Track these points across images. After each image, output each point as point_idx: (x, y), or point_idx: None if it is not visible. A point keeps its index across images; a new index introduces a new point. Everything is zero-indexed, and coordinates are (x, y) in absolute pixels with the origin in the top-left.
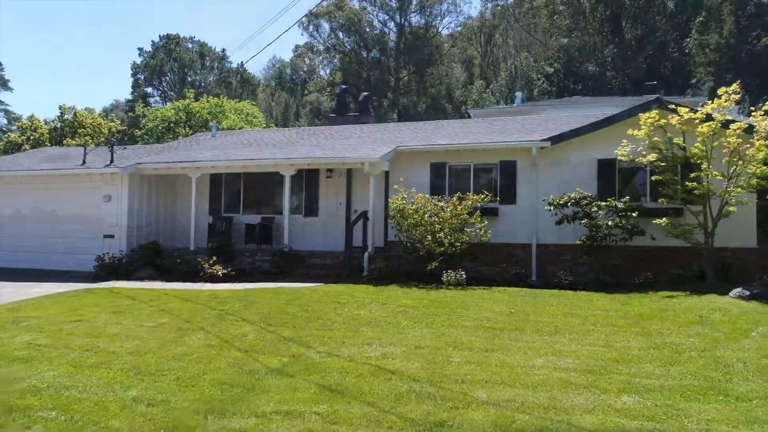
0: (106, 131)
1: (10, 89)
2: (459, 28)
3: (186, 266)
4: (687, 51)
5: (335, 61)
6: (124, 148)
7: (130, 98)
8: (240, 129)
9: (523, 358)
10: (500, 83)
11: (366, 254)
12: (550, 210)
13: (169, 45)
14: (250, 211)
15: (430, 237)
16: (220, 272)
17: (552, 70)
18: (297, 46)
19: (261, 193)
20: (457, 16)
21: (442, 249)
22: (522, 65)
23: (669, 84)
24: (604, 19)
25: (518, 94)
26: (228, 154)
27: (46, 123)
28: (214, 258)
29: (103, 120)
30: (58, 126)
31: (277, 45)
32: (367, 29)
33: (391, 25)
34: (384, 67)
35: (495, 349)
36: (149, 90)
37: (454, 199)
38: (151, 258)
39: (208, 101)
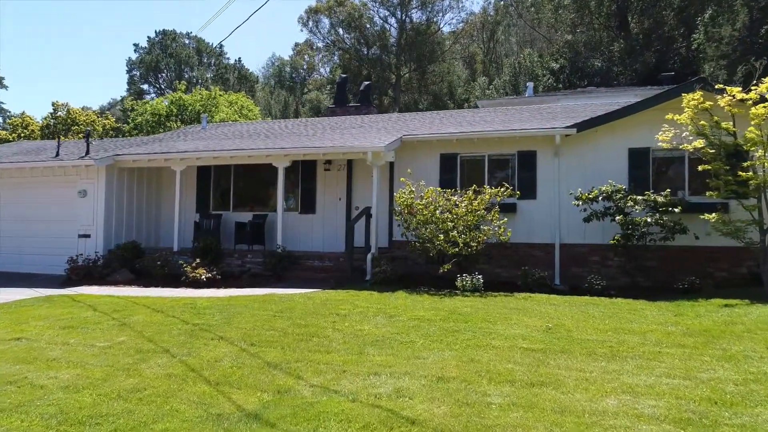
0: (100, 128)
1: (5, 87)
2: (461, 24)
3: (168, 269)
4: (696, 46)
5: (335, 58)
6: (102, 139)
7: (126, 95)
8: (234, 122)
9: (586, 398)
10: (504, 79)
11: (369, 255)
12: (578, 205)
13: (165, 40)
14: (241, 208)
15: (442, 236)
16: (203, 276)
17: (558, 65)
18: (296, 44)
19: (253, 189)
20: (459, 12)
21: (456, 249)
22: (526, 61)
23: (678, 79)
24: (609, 14)
25: (530, 85)
26: (216, 145)
27: (41, 120)
28: (198, 260)
29: (98, 117)
30: (51, 123)
31: (277, 43)
32: (368, 25)
33: (392, 21)
34: (385, 64)
35: (543, 382)
36: (145, 87)
37: (470, 193)
38: (129, 260)
39: (200, 93)
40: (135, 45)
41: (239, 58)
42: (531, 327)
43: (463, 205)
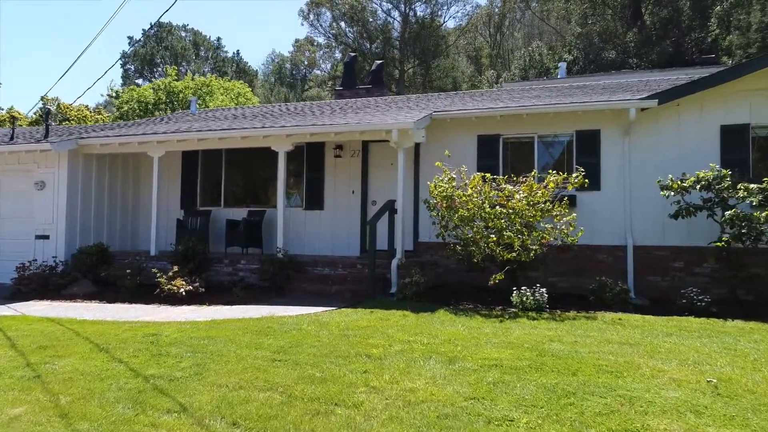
0: (93, 123)
1: None
2: (467, 17)
3: (140, 278)
4: (714, 36)
5: (337, 53)
6: (68, 120)
7: (120, 90)
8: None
9: None
10: (513, 72)
11: (394, 262)
12: (667, 196)
13: (160, 33)
14: (233, 203)
15: (494, 236)
16: (182, 289)
17: (571, 57)
18: (297, 40)
19: (248, 180)
20: (464, 5)
21: (512, 255)
22: (536, 54)
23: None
24: (623, 5)
25: (562, 65)
26: (203, 126)
27: (31, 115)
28: (176, 268)
29: (90, 113)
30: (41, 118)
31: (277, 39)
32: (371, 19)
33: (395, 14)
34: (388, 59)
35: None
36: (140, 81)
37: (530, 180)
38: (94, 267)
39: (192, 80)
40: (129, 38)
41: (238, 50)
42: (682, 383)
43: (521, 195)
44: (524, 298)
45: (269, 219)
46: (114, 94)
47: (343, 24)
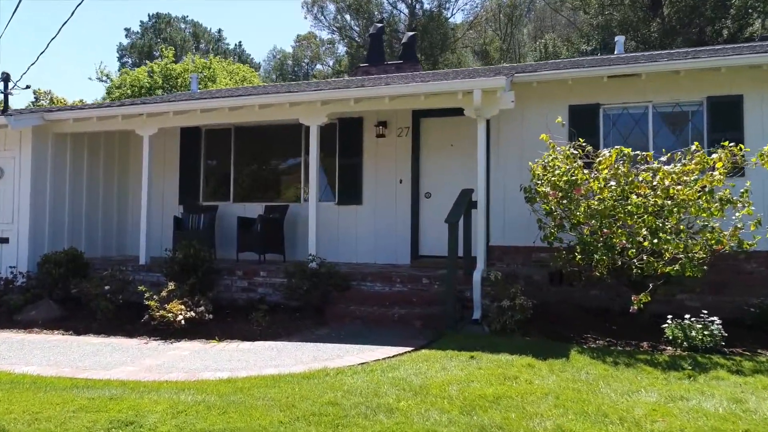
0: None
1: None
2: (476, 9)
3: (124, 296)
4: (739, 25)
5: (341, 49)
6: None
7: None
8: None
9: None
10: (527, 63)
11: (477, 275)
12: None
13: (159, 24)
14: (246, 197)
15: (644, 235)
16: (181, 316)
17: (589, 48)
18: (299, 36)
19: (265, 167)
20: None
21: (671, 267)
22: (550, 46)
23: None
24: None
25: (619, 39)
26: (207, 96)
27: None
28: (173, 285)
29: None
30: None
31: (279, 34)
32: (376, 12)
33: (402, 6)
34: (395, 53)
35: None
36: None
37: (700, 155)
38: (63, 280)
39: (193, 62)
40: (126, 30)
41: (240, 42)
42: None
43: (690, 179)
44: (688, 332)
45: (292, 216)
46: (104, 78)
47: (348, 17)
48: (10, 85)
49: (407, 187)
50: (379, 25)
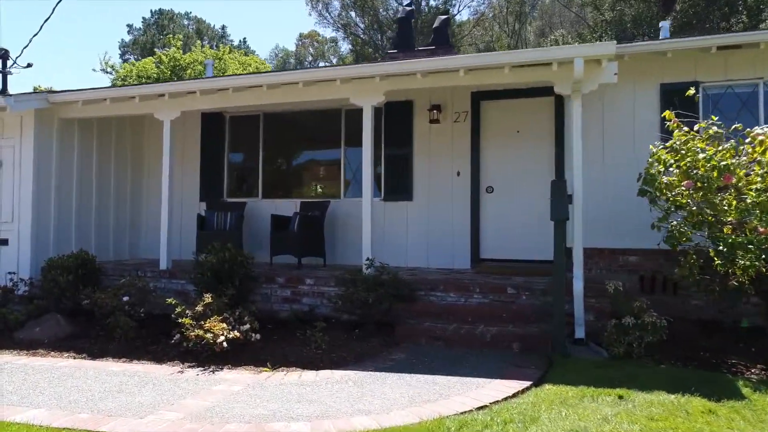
0: None
1: None
2: (483, 5)
3: (146, 308)
4: (757, 20)
5: (346, 45)
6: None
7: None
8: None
9: None
10: None
11: (578, 285)
12: None
13: (161, 20)
14: (277, 192)
15: None
16: (222, 338)
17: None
18: (301, 34)
19: (299, 158)
20: None
21: None
22: (560, 42)
23: None
24: None
25: (664, 24)
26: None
27: None
28: (209, 297)
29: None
30: None
31: (283, 33)
32: (381, 10)
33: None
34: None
35: None
36: None
37: None
38: (71, 289)
39: (203, 52)
40: (129, 26)
41: (244, 38)
42: None
43: None
44: None
45: (333, 214)
46: (109, 69)
47: (353, 13)
48: (9, 62)
49: (466, 180)
50: (408, 8)
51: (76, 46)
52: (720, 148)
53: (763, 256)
